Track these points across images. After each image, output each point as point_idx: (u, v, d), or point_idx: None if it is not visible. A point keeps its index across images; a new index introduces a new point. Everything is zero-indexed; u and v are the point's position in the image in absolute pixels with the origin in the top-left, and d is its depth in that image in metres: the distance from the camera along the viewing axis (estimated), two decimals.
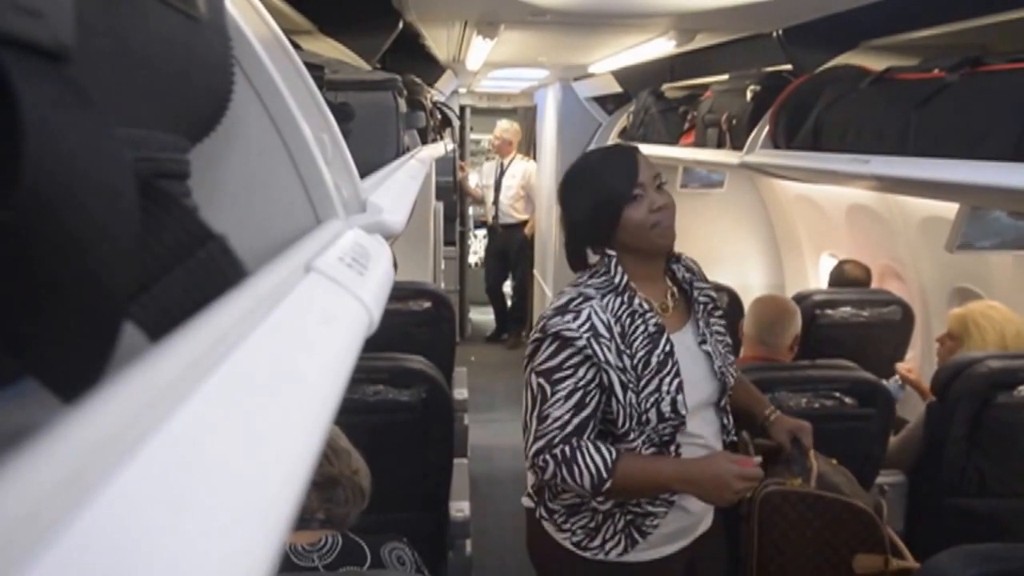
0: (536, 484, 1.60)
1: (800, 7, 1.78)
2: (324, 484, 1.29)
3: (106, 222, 0.22)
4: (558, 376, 1.40)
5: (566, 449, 1.39)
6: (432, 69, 3.66)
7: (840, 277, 3.03)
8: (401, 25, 2.08)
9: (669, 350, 1.44)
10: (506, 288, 6.25)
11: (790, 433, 1.66)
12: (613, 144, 2.08)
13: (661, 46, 2.47)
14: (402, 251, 3.54)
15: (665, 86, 3.18)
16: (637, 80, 3.43)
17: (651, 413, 1.41)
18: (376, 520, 1.40)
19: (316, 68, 1.14)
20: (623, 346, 1.41)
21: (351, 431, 1.38)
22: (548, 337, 1.41)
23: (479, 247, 6.68)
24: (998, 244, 2.28)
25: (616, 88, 3.83)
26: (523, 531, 1.68)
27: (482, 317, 6.69)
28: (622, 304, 1.44)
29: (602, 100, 4.33)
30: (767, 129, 1.89)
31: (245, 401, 0.24)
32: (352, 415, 1.74)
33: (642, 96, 3.27)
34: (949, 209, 2.33)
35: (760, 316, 2.27)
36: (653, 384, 1.42)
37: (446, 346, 2.67)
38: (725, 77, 2.47)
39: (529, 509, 1.63)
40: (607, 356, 1.39)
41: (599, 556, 1.52)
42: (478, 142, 6.94)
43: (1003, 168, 1.02)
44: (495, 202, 5.86)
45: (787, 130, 1.81)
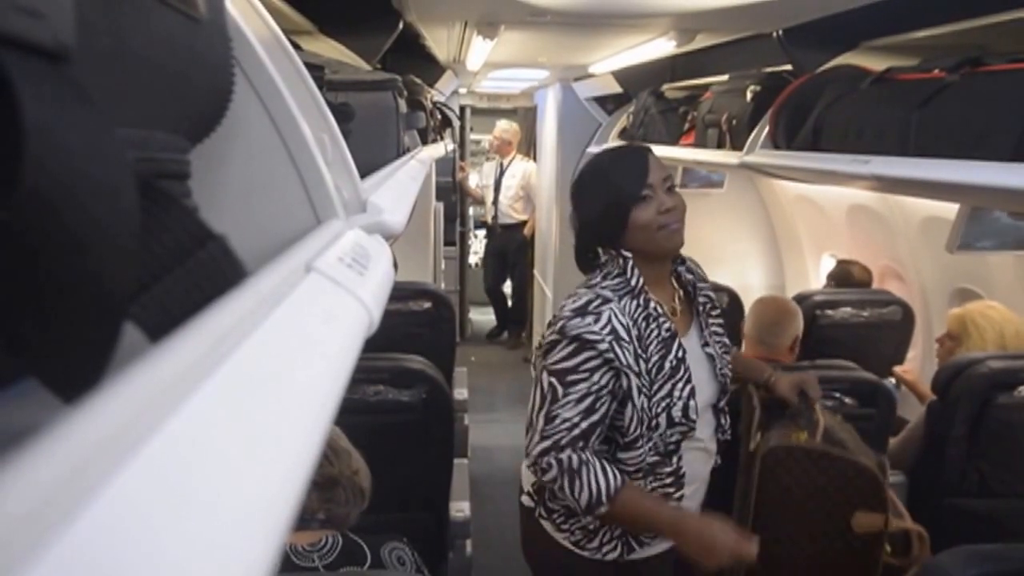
0: (536, 484, 1.60)
1: (800, 7, 1.78)
2: (324, 484, 1.29)
3: (106, 222, 0.22)
4: (572, 378, 1.38)
5: (574, 458, 1.37)
6: (432, 69, 3.66)
7: (840, 277, 3.03)
8: (401, 25, 2.08)
9: (682, 356, 1.44)
10: (506, 288, 6.25)
11: (795, 387, 1.66)
12: (626, 144, 2.06)
13: (661, 46, 2.47)
14: (402, 251, 3.54)
15: (665, 86, 3.17)
16: (637, 80, 3.43)
17: (661, 418, 1.40)
18: (376, 520, 1.40)
19: (316, 68, 1.14)
20: (639, 350, 1.40)
21: (351, 431, 1.38)
22: (567, 338, 1.39)
23: (479, 247, 6.68)
24: (998, 245, 2.28)
25: (616, 88, 3.83)
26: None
27: (482, 317, 6.68)
28: (638, 307, 1.43)
29: (602, 100, 4.33)
30: (767, 129, 1.89)
31: (245, 401, 0.24)
32: (352, 415, 1.74)
33: (642, 96, 3.26)
34: (949, 209, 2.33)
35: (761, 317, 2.27)
36: (665, 389, 1.41)
37: (446, 346, 2.67)
38: (725, 77, 2.46)
39: (527, 508, 1.64)
40: (628, 360, 1.38)
41: (596, 556, 1.53)
42: (478, 142, 6.94)
43: (1003, 168, 1.02)
44: (494, 202, 5.86)
45: (787, 130, 1.81)
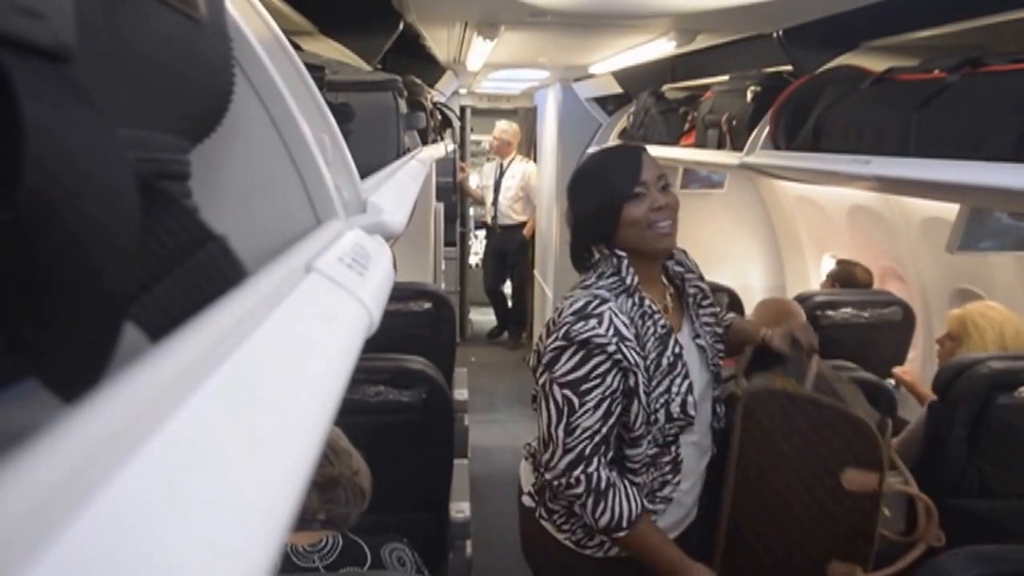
0: (537, 484, 1.60)
1: (800, 8, 1.78)
2: (325, 485, 1.29)
3: (107, 223, 0.22)
4: (586, 387, 1.38)
5: (602, 478, 1.39)
6: (432, 70, 3.66)
7: (842, 277, 3.02)
8: (401, 26, 2.08)
9: (679, 352, 1.45)
10: (506, 289, 6.26)
11: (788, 336, 1.61)
12: (621, 143, 2.07)
13: (661, 47, 2.47)
14: (402, 252, 3.54)
15: (665, 87, 3.18)
16: (637, 81, 3.43)
17: (660, 414, 1.42)
18: (376, 521, 1.40)
19: (316, 69, 1.14)
20: (638, 347, 1.41)
21: (351, 432, 1.39)
22: (574, 344, 1.38)
23: (479, 248, 6.68)
24: (999, 245, 2.28)
25: (616, 89, 3.83)
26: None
27: (482, 318, 6.68)
28: (634, 305, 1.44)
29: (602, 101, 4.33)
30: (767, 130, 1.89)
31: (245, 402, 0.24)
32: (353, 416, 1.74)
33: (642, 97, 3.26)
34: (950, 210, 2.34)
35: (764, 318, 2.27)
36: (663, 385, 1.42)
37: (446, 347, 2.67)
38: (725, 78, 2.47)
39: (528, 508, 1.64)
40: (635, 358, 1.39)
41: (598, 554, 1.53)
42: (478, 143, 6.94)
43: (1003, 169, 1.02)
44: (494, 203, 5.86)
45: (787, 131, 1.81)
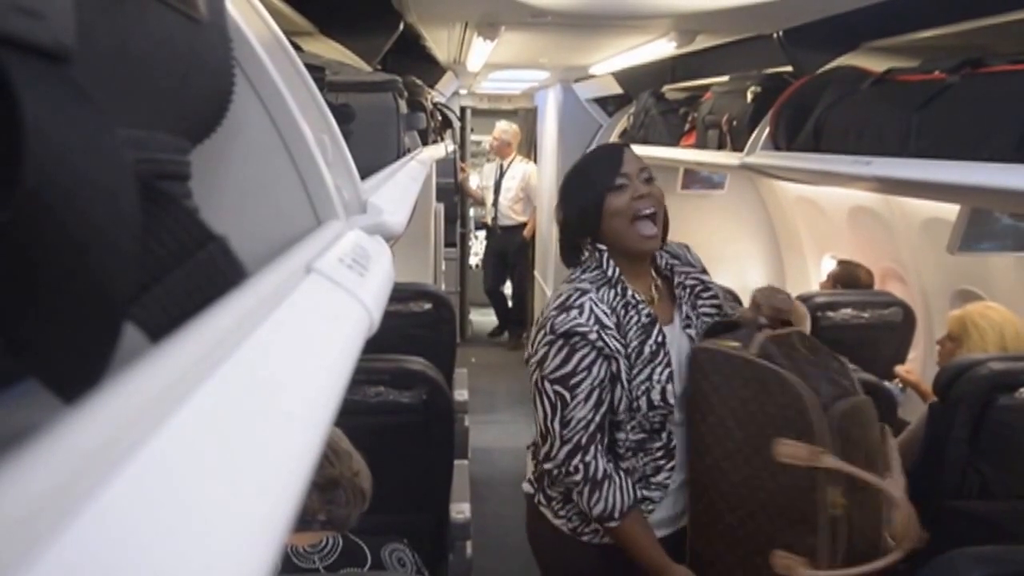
0: (536, 471, 1.63)
1: (800, 8, 1.78)
2: (325, 485, 1.29)
3: (107, 223, 0.22)
4: (575, 380, 1.43)
5: (600, 468, 1.45)
6: (433, 70, 3.66)
7: (844, 278, 3.02)
8: (402, 26, 2.08)
9: (661, 340, 1.48)
10: (506, 289, 6.26)
11: (754, 304, 1.57)
12: (605, 143, 2.09)
13: (662, 47, 2.47)
14: (403, 252, 3.54)
15: (666, 87, 3.18)
16: (638, 81, 3.43)
17: (642, 401, 1.46)
18: (377, 521, 1.40)
19: (317, 69, 1.14)
20: (619, 335, 1.46)
21: (352, 432, 1.39)
22: (559, 339, 1.44)
23: (480, 248, 6.68)
24: (999, 246, 2.28)
25: (617, 89, 3.83)
26: (523, 531, 1.71)
27: (483, 318, 6.68)
28: (616, 296, 1.49)
29: (603, 101, 4.33)
30: (768, 130, 1.89)
31: (245, 402, 0.24)
32: (353, 416, 1.74)
33: (643, 97, 3.27)
34: (950, 211, 2.33)
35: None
36: (645, 373, 1.46)
37: (447, 347, 2.67)
38: (726, 78, 2.47)
39: (528, 495, 1.67)
40: (615, 345, 1.44)
41: (595, 540, 1.55)
42: (479, 143, 6.94)
43: (1004, 169, 1.02)
44: (494, 204, 5.86)
45: (788, 131, 1.81)
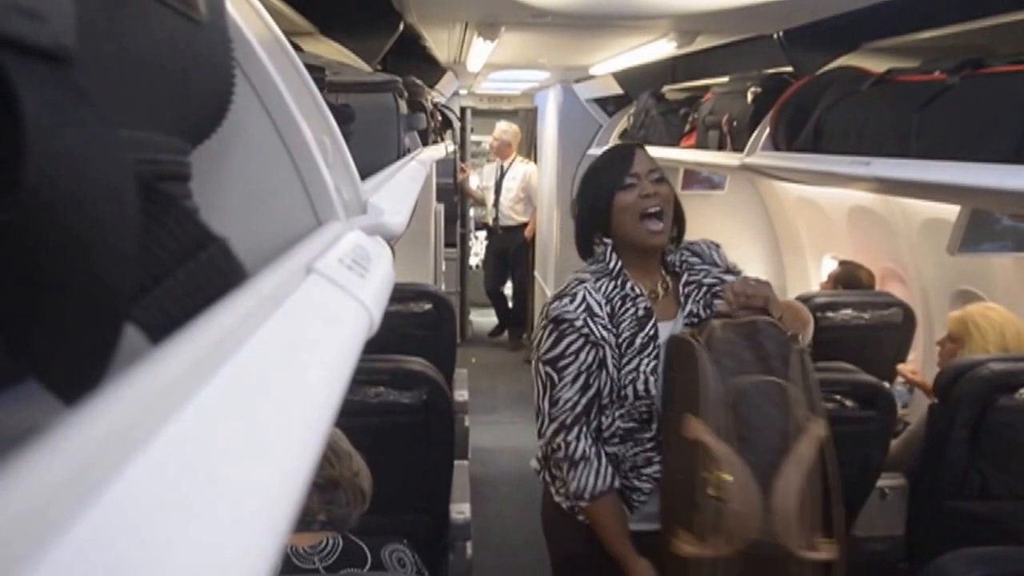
0: (542, 451, 1.68)
1: (801, 9, 1.78)
2: (325, 486, 1.29)
3: (107, 224, 0.22)
4: (563, 363, 1.53)
5: (580, 448, 1.52)
6: (433, 71, 3.66)
7: (845, 279, 3.02)
8: (402, 27, 2.08)
9: (653, 334, 1.54)
10: (507, 290, 6.25)
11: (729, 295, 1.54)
12: (620, 143, 2.10)
13: (662, 48, 2.47)
14: (403, 253, 3.54)
15: (666, 88, 3.17)
16: (638, 82, 3.43)
17: (628, 390, 1.53)
18: (377, 522, 1.40)
19: (317, 70, 1.14)
20: (611, 325, 1.54)
21: (352, 433, 1.38)
22: (550, 324, 1.55)
23: (480, 249, 6.68)
24: (999, 247, 2.28)
25: (617, 90, 3.83)
26: (524, 532, 1.74)
27: (483, 319, 6.68)
28: (615, 287, 1.56)
29: (603, 102, 4.33)
30: (768, 131, 1.89)
31: (246, 403, 0.24)
32: (353, 417, 1.74)
33: (643, 98, 3.26)
34: (950, 211, 2.33)
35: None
36: (633, 363, 1.52)
37: (447, 348, 2.67)
38: (726, 79, 2.46)
39: (535, 471, 1.75)
40: (601, 333, 1.53)
41: (587, 521, 1.58)
42: (479, 144, 6.94)
43: (1004, 170, 1.02)
44: (495, 204, 5.86)
45: (788, 132, 1.81)
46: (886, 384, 2.18)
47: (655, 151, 2.88)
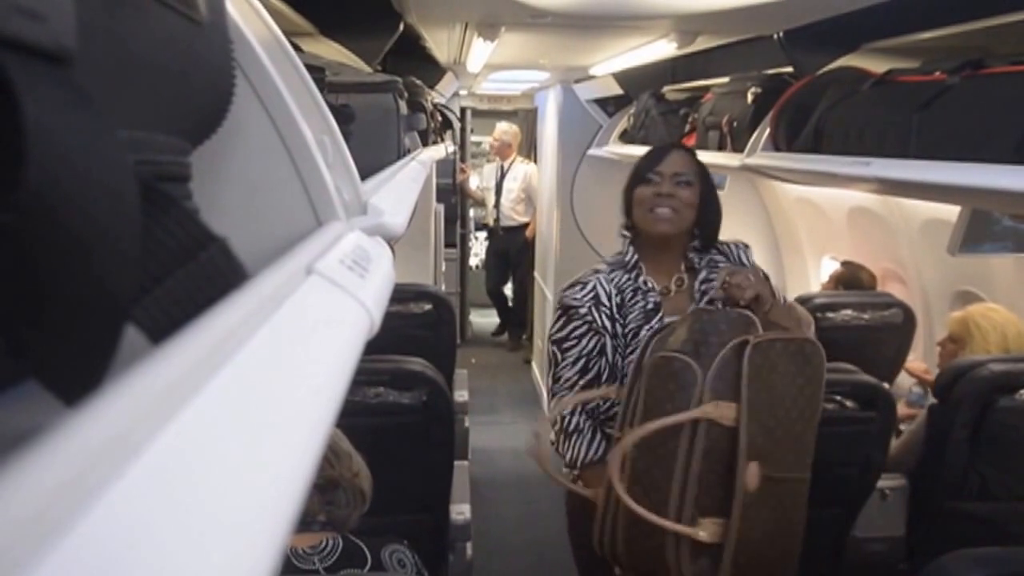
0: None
1: (801, 9, 1.78)
2: (325, 486, 1.29)
3: (108, 225, 0.22)
4: (567, 345, 1.65)
5: (573, 421, 1.64)
6: (433, 71, 3.66)
7: (847, 279, 3.02)
8: (402, 27, 2.08)
9: (657, 328, 1.60)
10: (507, 290, 6.25)
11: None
12: (666, 143, 2.11)
13: (662, 48, 2.47)
14: (403, 253, 3.54)
15: (666, 88, 3.17)
16: (638, 82, 3.43)
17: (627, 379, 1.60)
18: (377, 522, 1.40)
19: (317, 70, 1.14)
20: (617, 315, 1.63)
21: (352, 433, 1.38)
22: (560, 308, 1.68)
23: (480, 249, 6.68)
24: (1000, 247, 2.28)
25: (617, 90, 3.82)
26: (523, 533, 1.77)
27: (483, 319, 6.68)
28: (628, 280, 1.65)
29: (603, 102, 4.32)
30: (768, 131, 1.89)
31: (246, 404, 0.24)
32: (353, 417, 1.74)
33: (643, 98, 3.26)
34: (951, 212, 2.33)
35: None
36: (636, 354, 1.57)
37: (447, 348, 2.67)
38: (726, 79, 2.46)
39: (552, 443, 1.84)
40: (604, 322, 1.62)
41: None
42: (479, 144, 6.94)
43: (1004, 171, 1.02)
44: (496, 205, 5.86)
45: (788, 132, 1.81)
46: (886, 385, 2.18)
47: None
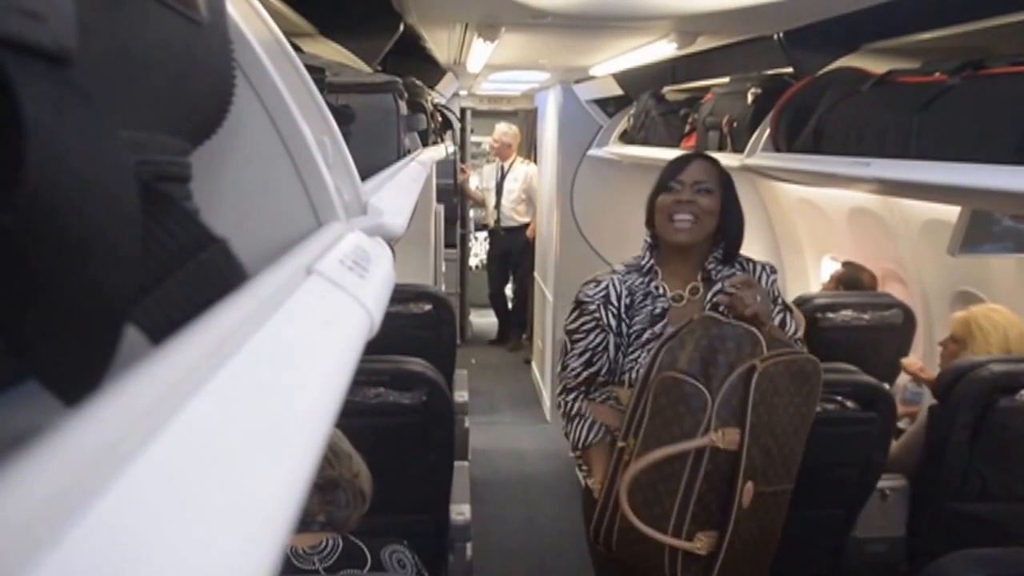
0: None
1: (801, 10, 1.78)
2: (325, 487, 1.29)
3: (107, 225, 0.22)
4: (576, 337, 1.75)
5: (575, 406, 1.75)
6: (433, 71, 3.66)
7: (848, 280, 3.01)
8: (402, 28, 2.08)
9: (660, 332, 1.66)
10: (508, 291, 6.25)
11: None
12: (692, 151, 2.15)
13: (662, 49, 2.47)
14: (403, 253, 3.54)
15: (666, 89, 3.17)
16: (638, 82, 3.42)
17: (625, 377, 1.70)
18: (377, 523, 1.40)
19: (317, 71, 1.14)
20: (624, 316, 1.71)
21: (352, 433, 1.38)
22: (574, 302, 1.77)
23: (480, 249, 6.68)
24: (1000, 248, 2.28)
25: (617, 91, 3.82)
26: (523, 533, 1.78)
27: (482, 320, 6.68)
28: (641, 283, 1.72)
29: (603, 103, 4.32)
30: (768, 132, 1.89)
31: (247, 404, 0.24)
32: (353, 418, 1.74)
33: (643, 99, 3.26)
34: (951, 212, 2.33)
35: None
36: (635, 355, 1.68)
37: (447, 349, 2.67)
38: (726, 80, 2.46)
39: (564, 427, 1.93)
40: (610, 320, 1.71)
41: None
42: (479, 144, 6.94)
43: (1004, 171, 1.02)
44: (497, 205, 5.86)
45: (788, 133, 1.81)
46: (886, 385, 2.18)
47: (655, 152, 2.89)
